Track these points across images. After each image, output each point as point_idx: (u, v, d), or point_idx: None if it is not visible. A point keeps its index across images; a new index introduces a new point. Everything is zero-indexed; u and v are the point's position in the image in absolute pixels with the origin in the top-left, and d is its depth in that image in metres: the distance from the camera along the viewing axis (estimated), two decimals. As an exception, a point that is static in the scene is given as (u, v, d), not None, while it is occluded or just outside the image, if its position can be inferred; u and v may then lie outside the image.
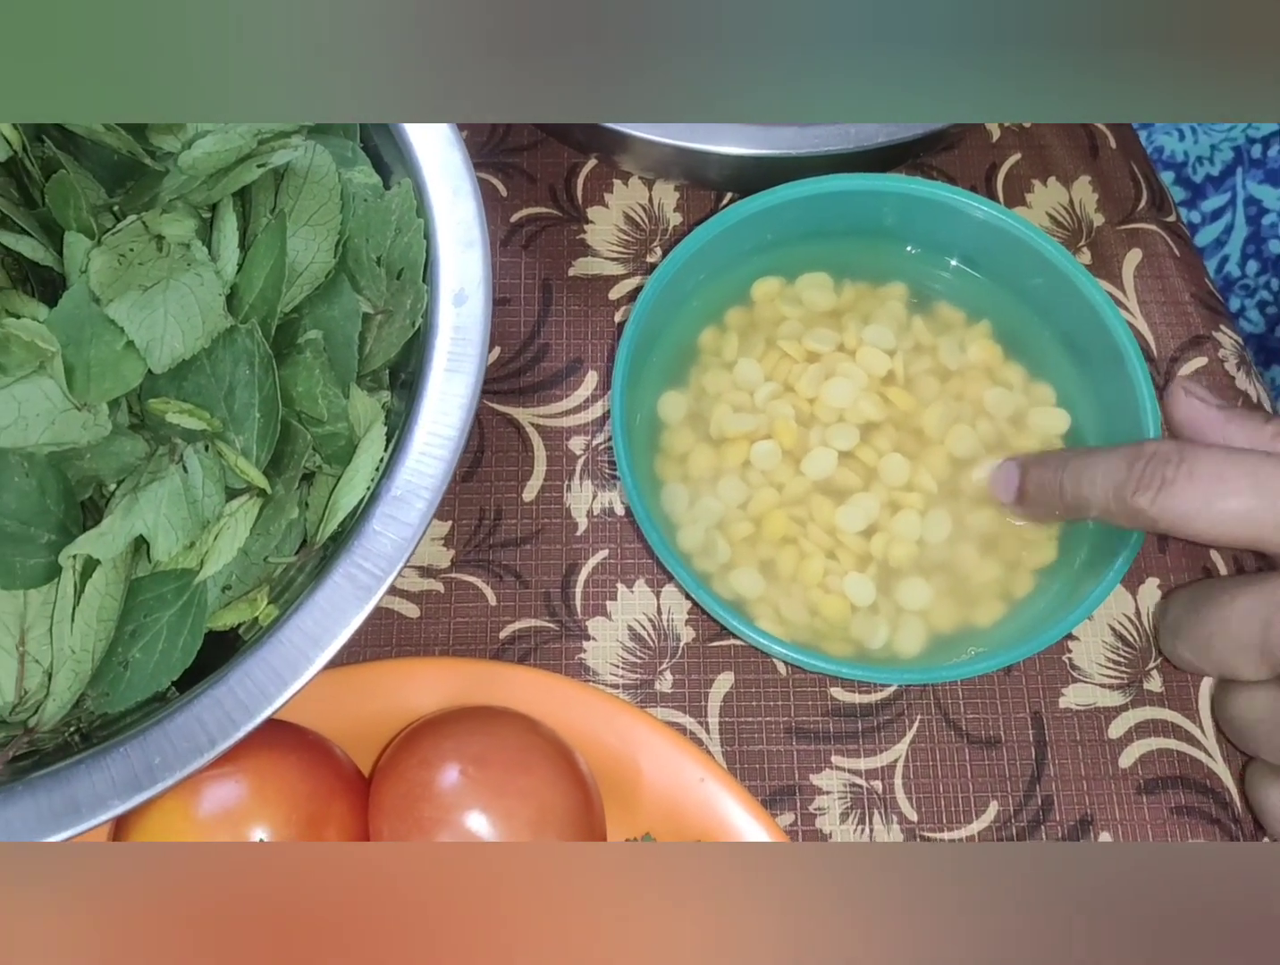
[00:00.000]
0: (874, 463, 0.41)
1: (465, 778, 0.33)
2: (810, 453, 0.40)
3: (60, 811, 0.32)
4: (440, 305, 0.38)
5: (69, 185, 0.36)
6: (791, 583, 0.40)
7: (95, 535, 0.34)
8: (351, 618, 0.34)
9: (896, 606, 0.40)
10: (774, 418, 0.41)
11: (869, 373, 0.42)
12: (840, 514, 0.40)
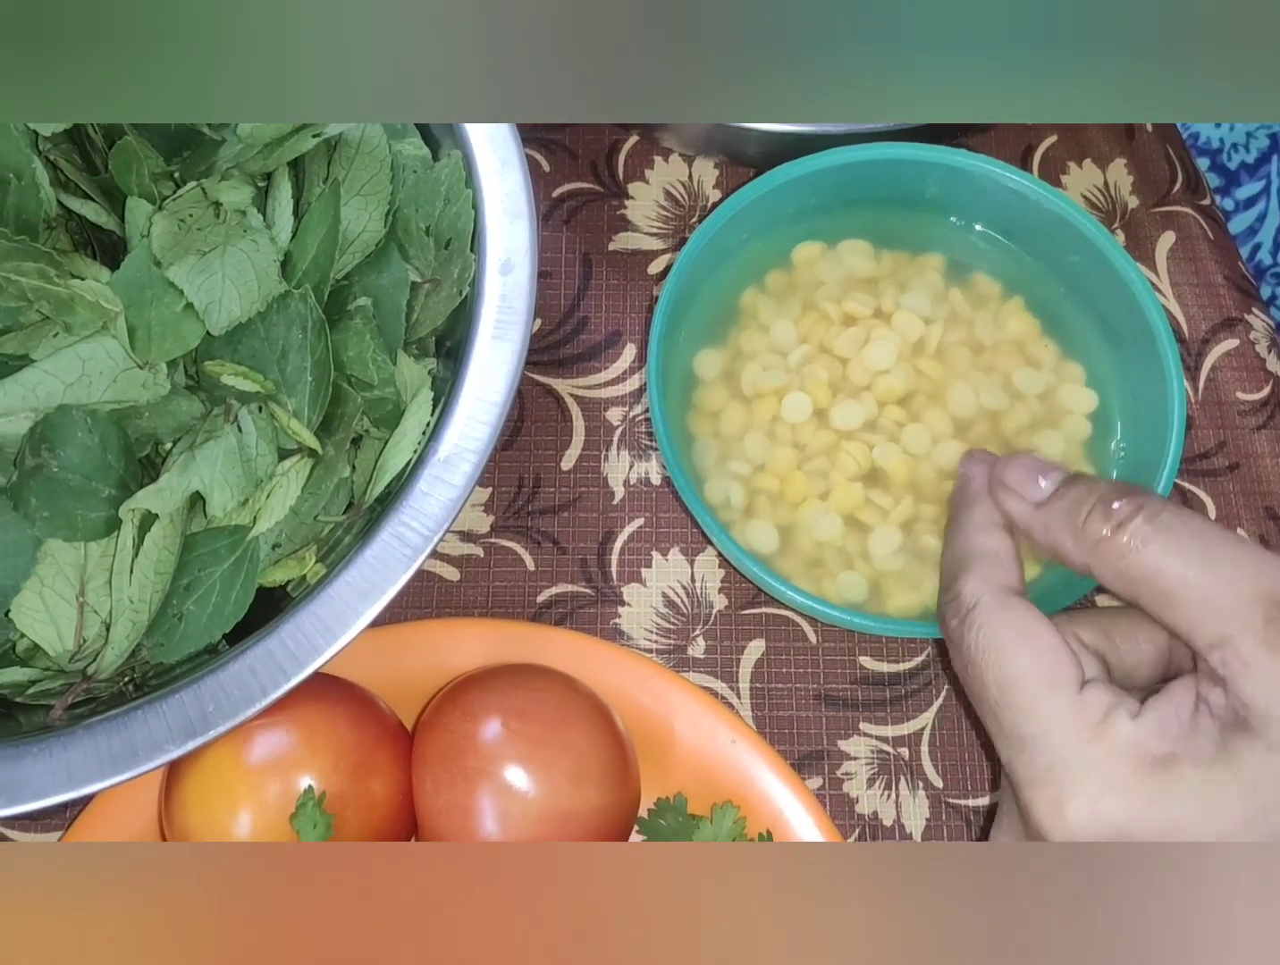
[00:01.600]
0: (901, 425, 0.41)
1: (507, 730, 0.34)
2: (839, 405, 0.41)
3: (119, 755, 0.33)
4: (487, 275, 0.39)
5: (132, 152, 0.37)
6: (811, 537, 0.40)
7: (154, 490, 0.35)
8: (398, 576, 0.35)
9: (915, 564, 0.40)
10: (806, 378, 0.42)
11: (904, 338, 0.43)
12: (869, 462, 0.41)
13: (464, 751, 0.34)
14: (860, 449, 0.41)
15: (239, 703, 0.34)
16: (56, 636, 0.35)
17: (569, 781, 0.34)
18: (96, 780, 0.33)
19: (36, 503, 0.34)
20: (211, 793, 0.34)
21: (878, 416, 0.41)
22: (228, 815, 0.34)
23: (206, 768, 0.34)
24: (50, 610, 0.35)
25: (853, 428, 0.41)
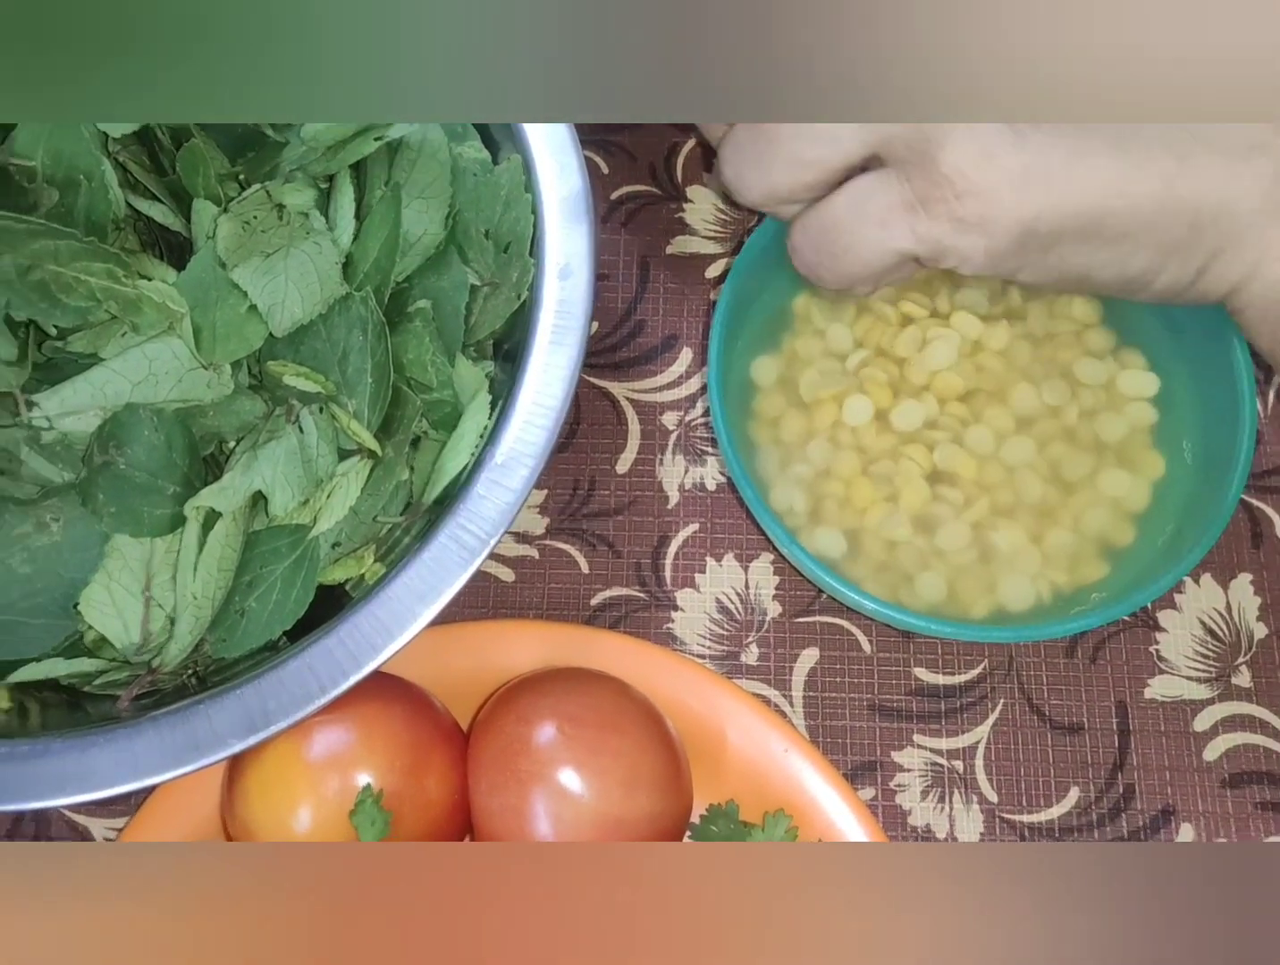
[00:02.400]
0: (964, 423, 0.41)
1: (561, 735, 0.35)
2: (900, 406, 0.41)
3: (183, 748, 0.34)
4: (545, 279, 0.39)
5: (199, 154, 0.37)
6: (880, 539, 0.40)
7: (217, 489, 0.35)
8: (456, 577, 0.35)
9: (986, 565, 0.40)
10: (864, 381, 0.42)
11: (963, 336, 0.42)
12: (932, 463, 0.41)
13: (518, 755, 0.34)
14: (922, 451, 0.40)
15: (299, 699, 0.34)
16: (123, 629, 0.36)
17: (622, 787, 0.34)
18: (161, 772, 0.34)
19: (104, 499, 0.35)
20: (272, 787, 0.35)
21: (939, 416, 0.41)
22: (288, 810, 0.34)
23: (268, 762, 0.35)
24: (117, 604, 0.36)
25: (914, 428, 0.41)
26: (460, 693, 0.40)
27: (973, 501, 0.40)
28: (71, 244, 0.35)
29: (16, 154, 0.37)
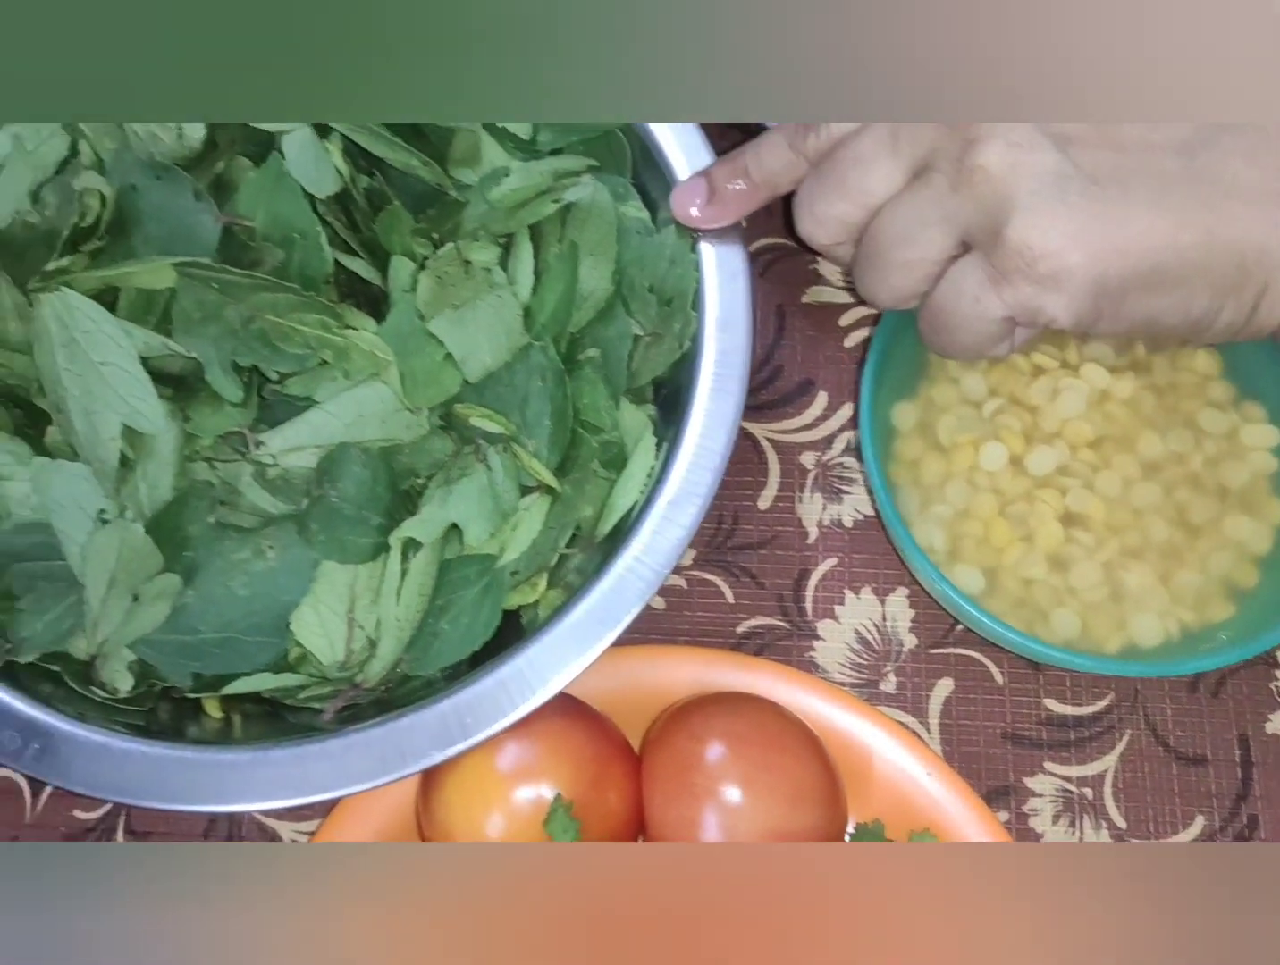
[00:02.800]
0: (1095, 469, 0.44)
1: (730, 753, 0.38)
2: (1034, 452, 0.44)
3: (389, 757, 0.37)
4: (706, 330, 0.43)
5: (398, 215, 0.41)
6: (1017, 577, 0.43)
7: (418, 521, 0.39)
8: (634, 605, 0.39)
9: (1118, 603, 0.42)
10: (999, 427, 0.44)
11: (1092, 387, 0.45)
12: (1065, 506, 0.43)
13: (691, 770, 0.37)
14: (1055, 495, 0.43)
15: (493, 714, 0.38)
16: (329, 647, 0.40)
17: (786, 803, 0.37)
18: (369, 779, 0.37)
19: (316, 528, 0.39)
20: (469, 795, 0.38)
21: (1070, 461, 0.44)
22: (483, 816, 0.38)
23: (465, 772, 0.38)
24: (324, 624, 0.39)
25: (1047, 473, 0.44)
26: (624, 711, 0.43)
27: (1103, 543, 0.43)
28: (290, 297, 0.39)
29: (239, 214, 0.41)
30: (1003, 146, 0.35)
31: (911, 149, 0.37)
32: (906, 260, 0.38)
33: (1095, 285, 0.35)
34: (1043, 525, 0.43)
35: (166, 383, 0.39)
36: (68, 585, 0.40)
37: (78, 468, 0.39)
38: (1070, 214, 0.35)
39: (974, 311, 0.37)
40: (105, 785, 0.38)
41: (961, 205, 0.36)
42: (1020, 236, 0.35)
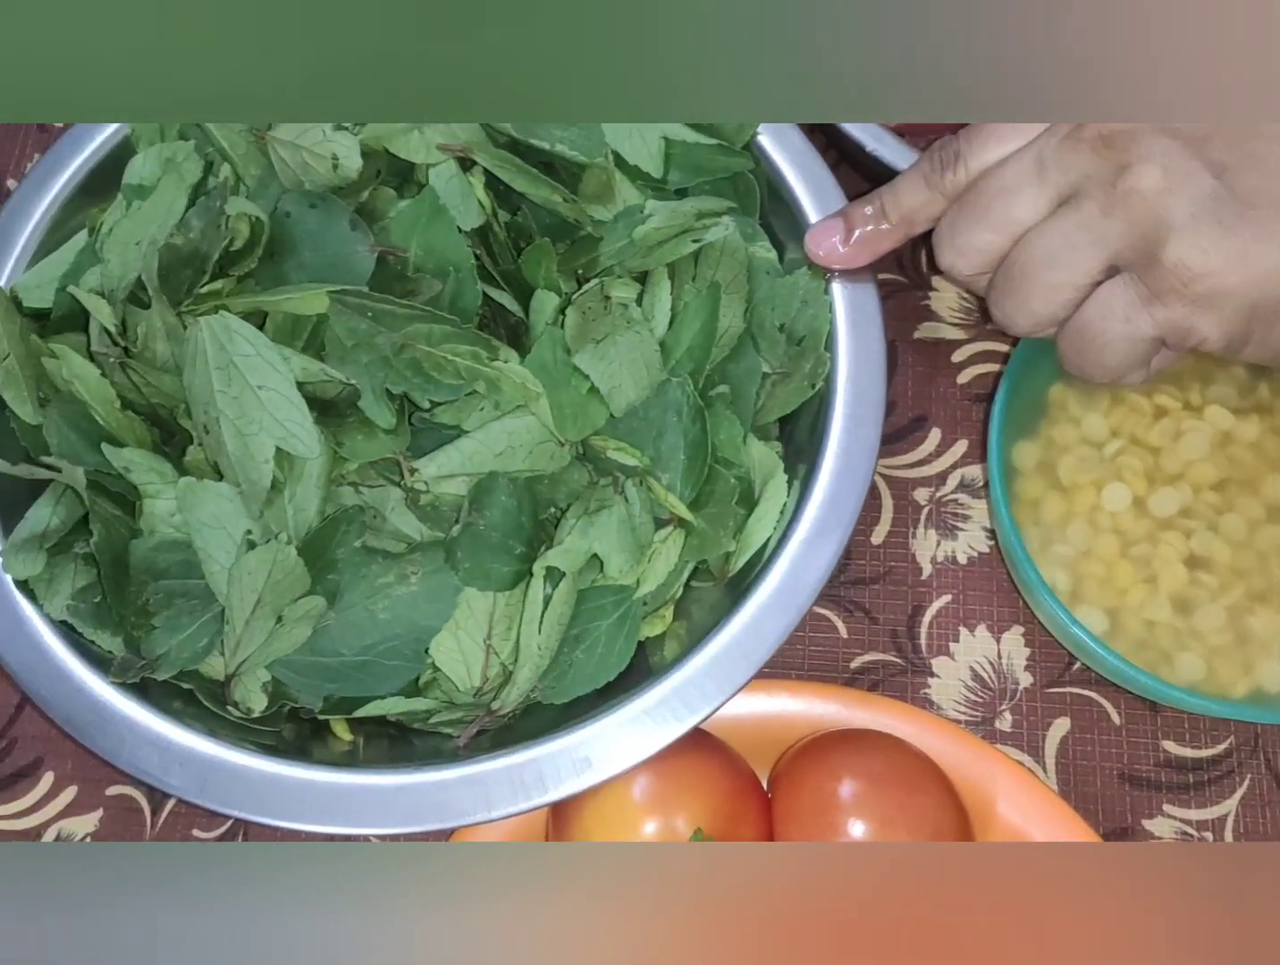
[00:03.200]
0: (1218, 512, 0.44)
1: (868, 791, 0.38)
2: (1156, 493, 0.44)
3: (530, 784, 0.38)
4: (839, 370, 0.43)
5: (545, 250, 0.42)
6: (1140, 619, 0.43)
7: (562, 551, 0.40)
8: (773, 642, 0.39)
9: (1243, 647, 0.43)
10: (1121, 468, 0.45)
11: (1215, 429, 0.45)
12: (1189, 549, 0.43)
13: (830, 809, 0.38)
14: (1179, 537, 0.44)
15: (633, 746, 0.38)
16: (466, 674, 0.40)
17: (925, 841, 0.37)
18: (510, 805, 0.38)
19: (462, 555, 0.39)
20: (606, 825, 0.38)
21: (1193, 503, 0.44)
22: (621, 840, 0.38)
23: (602, 802, 0.39)
24: (463, 650, 0.40)
25: (1170, 515, 0.44)
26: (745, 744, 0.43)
27: (1228, 586, 0.43)
28: (444, 328, 0.40)
29: (392, 244, 0.42)
30: (1159, 171, 0.36)
31: (1059, 176, 0.38)
32: (1052, 283, 0.38)
33: (1251, 307, 0.36)
34: (1166, 567, 0.43)
35: (316, 408, 0.40)
36: (204, 604, 0.41)
37: (225, 488, 0.40)
38: (1228, 236, 0.35)
39: (1124, 331, 0.38)
40: (248, 805, 0.39)
41: (1113, 228, 0.37)
42: (1178, 257, 0.36)
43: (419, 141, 0.42)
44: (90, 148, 0.47)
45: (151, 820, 0.47)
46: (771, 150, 0.46)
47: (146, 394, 0.42)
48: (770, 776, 0.42)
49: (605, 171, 0.44)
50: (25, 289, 0.45)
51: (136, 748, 0.39)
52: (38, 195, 0.46)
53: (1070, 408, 0.47)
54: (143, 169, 0.44)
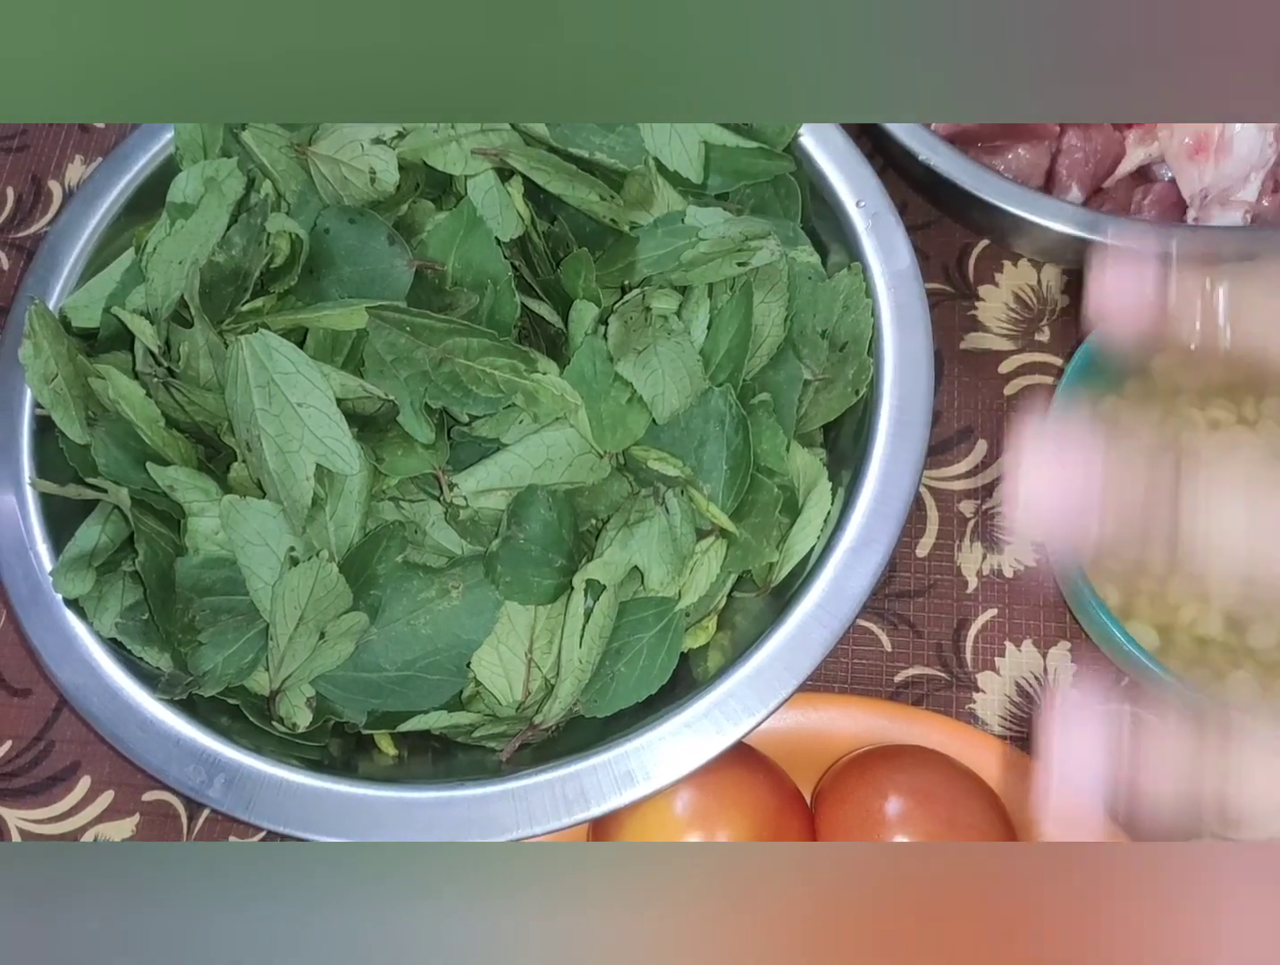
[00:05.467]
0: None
1: (915, 808, 0.37)
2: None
3: (573, 799, 0.38)
4: (885, 375, 0.43)
5: (584, 260, 0.42)
6: (1192, 636, 0.42)
7: (602, 563, 0.39)
8: (818, 654, 0.39)
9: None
10: (1174, 483, 0.44)
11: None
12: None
13: (874, 826, 0.37)
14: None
15: (676, 760, 0.38)
16: (508, 687, 0.40)
17: (972, 859, 0.37)
18: (553, 820, 0.38)
19: (502, 569, 0.39)
20: (650, 836, 0.38)
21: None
22: (665, 861, 0.38)
23: (645, 817, 0.38)
24: (504, 664, 0.40)
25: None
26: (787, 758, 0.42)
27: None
28: (483, 341, 0.40)
29: (430, 258, 0.42)
30: None
31: None
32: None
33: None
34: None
35: (355, 423, 0.40)
36: (248, 620, 0.41)
37: (267, 506, 0.40)
38: None
39: None
40: (292, 820, 0.39)
41: None
42: None
43: (456, 153, 0.42)
44: (136, 167, 0.47)
45: (188, 827, 0.47)
46: (814, 152, 0.46)
47: (190, 412, 0.43)
48: (814, 792, 0.41)
49: (646, 177, 0.44)
50: (74, 309, 0.46)
51: (184, 763, 0.39)
52: (85, 215, 0.47)
53: (1123, 421, 0.46)
54: (186, 187, 0.45)
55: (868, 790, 0.38)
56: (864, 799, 0.38)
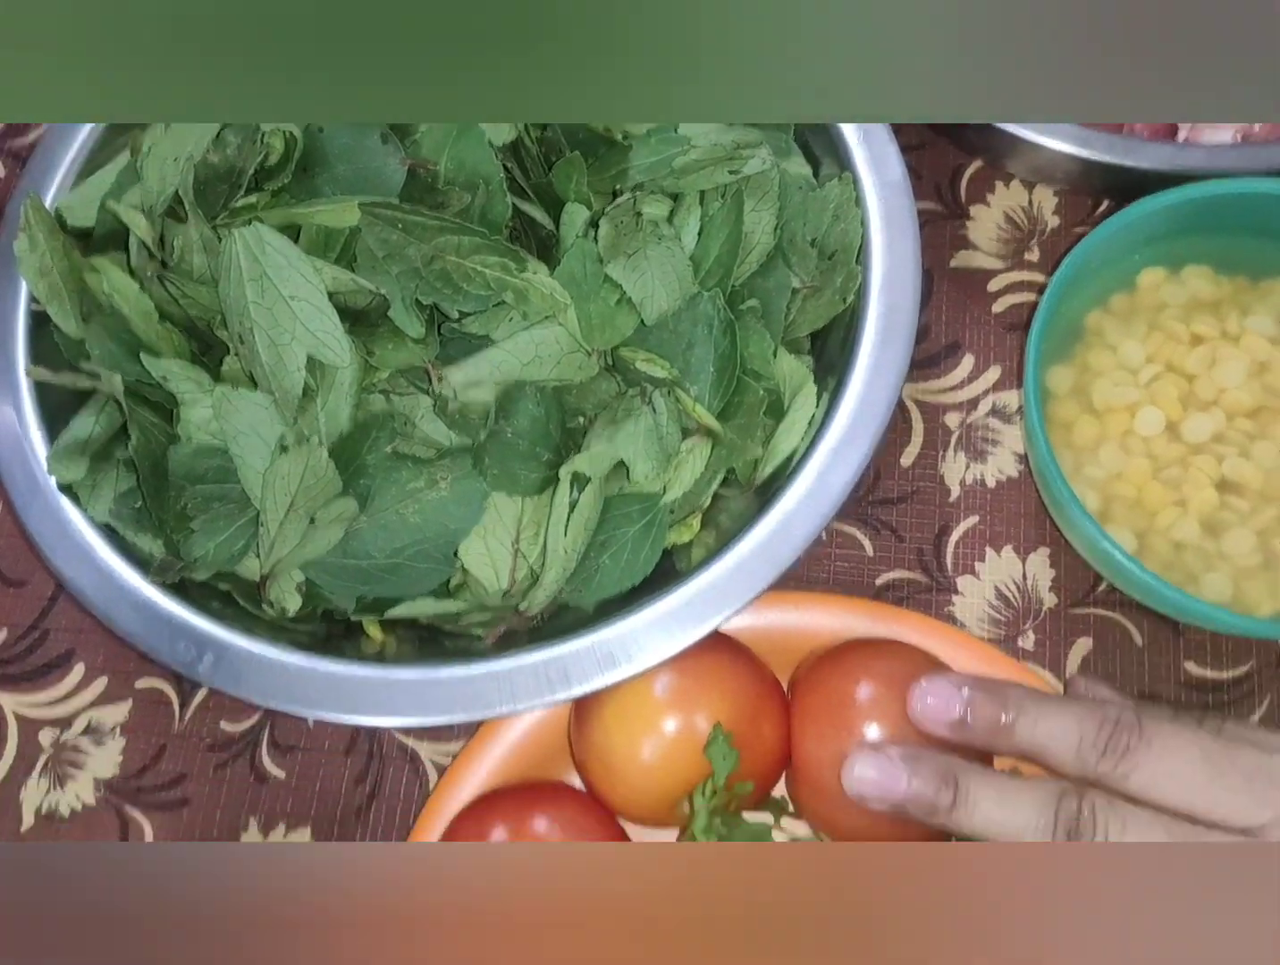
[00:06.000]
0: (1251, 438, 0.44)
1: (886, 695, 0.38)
2: (1190, 419, 0.44)
3: (555, 679, 0.39)
4: (872, 284, 0.43)
5: (576, 164, 0.42)
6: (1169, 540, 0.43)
7: (588, 456, 0.40)
8: (797, 549, 0.40)
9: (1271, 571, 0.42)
10: (1155, 394, 0.45)
11: (1252, 357, 0.45)
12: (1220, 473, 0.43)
13: (845, 711, 0.38)
14: (1211, 461, 0.43)
15: (656, 645, 0.39)
16: (494, 576, 0.41)
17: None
18: (535, 698, 0.39)
19: (490, 462, 0.40)
20: (628, 720, 0.39)
21: (1226, 430, 0.44)
22: (641, 740, 0.39)
23: (625, 698, 0.40)
24: (491, 554, 0.41)
25: (1203, 440, 0.44)
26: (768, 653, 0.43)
27: (1258, 510, 0.43)
28: (475, 240, 0.40)
29: (422, 157, 0.42)
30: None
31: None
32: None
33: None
34: (1197, 490, 0.43)
35: (347, 317, 0.41)
36: (240, 508, 0.42)
37: (259, 397, 0.41)
38: None
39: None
40: (279, 696, 0.40)
41: None
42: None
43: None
44: (132, 64, 0.47)
45: (180, 713, 0.48)
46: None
47: (184, 306, 0.43)
48: (790, 681, 0.42)
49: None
50: (69, 209, 0.46)
51: (175, 641, 0.40)
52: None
53: (1107, 334, 0.47)
54: (182, 84, 0.45)
55: (839, 677, 0.39)
56: (836, 685, 0.39)
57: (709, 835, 0.37)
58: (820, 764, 0.39)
